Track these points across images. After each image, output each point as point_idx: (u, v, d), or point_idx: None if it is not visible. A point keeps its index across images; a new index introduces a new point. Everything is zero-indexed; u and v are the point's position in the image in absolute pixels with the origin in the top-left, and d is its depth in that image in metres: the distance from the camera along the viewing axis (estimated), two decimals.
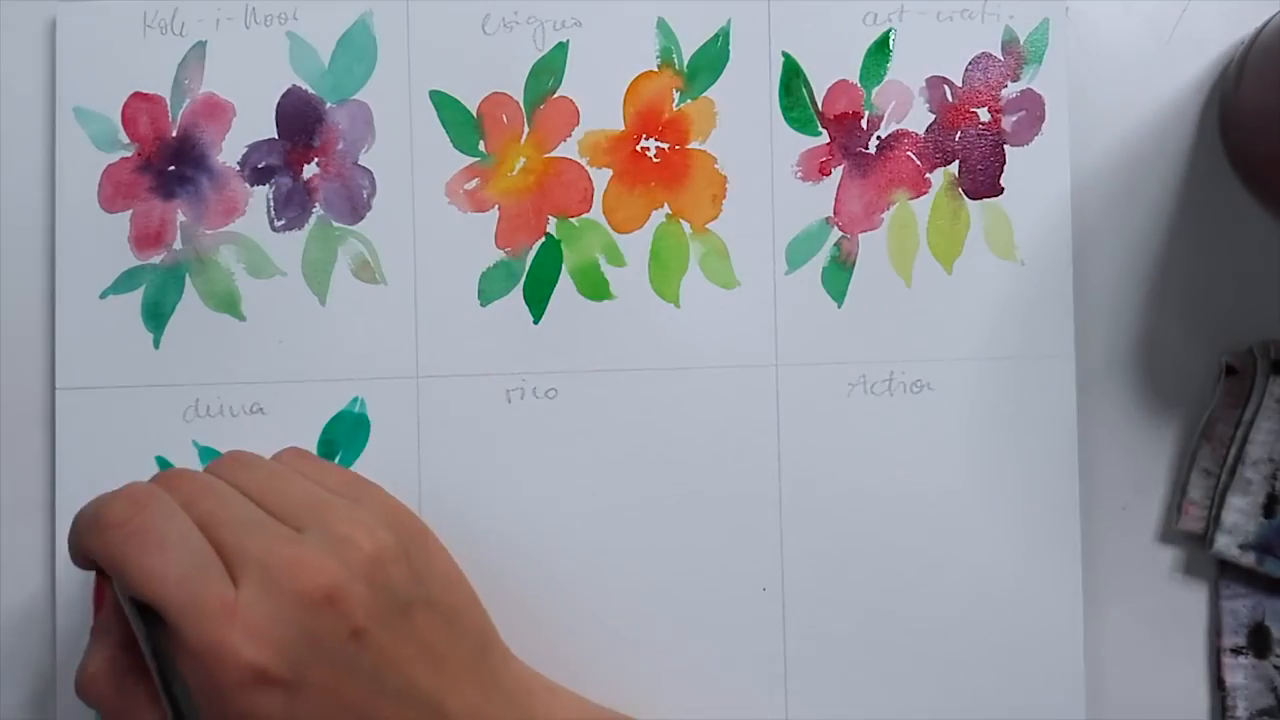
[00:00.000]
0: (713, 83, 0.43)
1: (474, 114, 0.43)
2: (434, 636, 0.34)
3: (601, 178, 0.43)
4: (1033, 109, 0.43)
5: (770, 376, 0.43)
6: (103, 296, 0.43)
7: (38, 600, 0.43)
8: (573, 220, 0.43)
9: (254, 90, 0.43)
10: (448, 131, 0.43)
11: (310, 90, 0.43)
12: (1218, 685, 0.43)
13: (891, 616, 0.42)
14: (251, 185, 0.43)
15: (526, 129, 0.43)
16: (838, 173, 0.43)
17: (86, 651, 0.35)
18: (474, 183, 0.43)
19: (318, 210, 0.43)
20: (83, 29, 0.43)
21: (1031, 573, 0.42)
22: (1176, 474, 0.43)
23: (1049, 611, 0.42)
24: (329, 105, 0.43)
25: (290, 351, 0.43)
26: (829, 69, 0.43)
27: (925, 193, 0.43)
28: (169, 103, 0.43)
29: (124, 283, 0.43)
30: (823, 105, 0.43)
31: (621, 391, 0.43)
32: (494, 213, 0.43)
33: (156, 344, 0.43)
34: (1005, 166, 0.43)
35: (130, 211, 0.43)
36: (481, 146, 0.43)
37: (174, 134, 0.43)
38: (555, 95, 0.43)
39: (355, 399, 0.43)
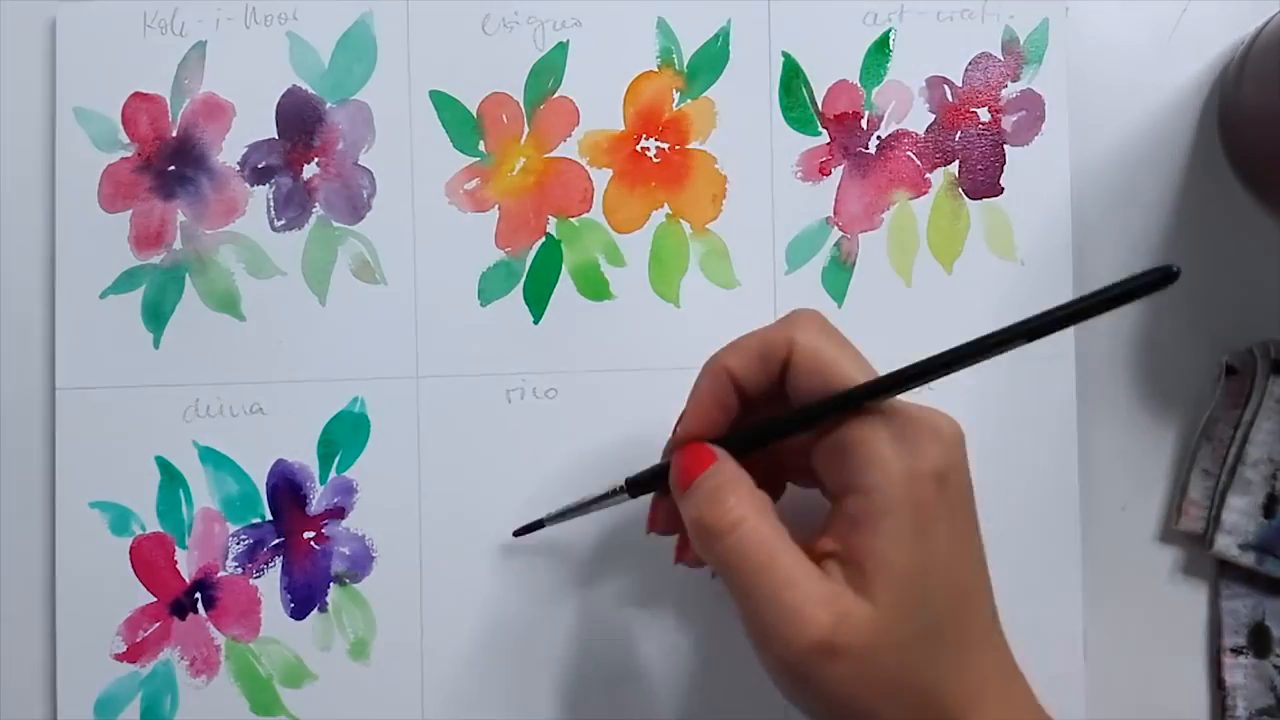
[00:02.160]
0: (713, 83, 0.43)
1: (474, 114, 0.43)
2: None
3: (601, 178, 0.43)
4: (1033, 109, 0.43)
5: None
6: (103, 296, 0.43)
7: (37, 600, 0.43)
8: (573, 220, 0.43)
9: (254, 90, 0.43)
10: (448, 131, 0.43)
11: (310, 90, 0.43)
12: (1218, 685, 0.43)
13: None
14: (251, 185, 0.43)
15: (526, 129, 0.43)
16: (838, 173, 0.43)
17: (705, 500, 0.33)
18: (474, 183, 0.43)
19: (318, 210, 0.43)
20: (83, 29, 0.43)
21: (1031, 573, 0.42)
22: (1176, 474, 0.43)
23: (1049, 611, 0.42)
24: (329, 105, 0.43)
25: (290, 351, 0.43)
26: (829, 69, 0.43)
27: (925, 193, 0.43)
28: (169, 103, 0.43)
29: (124, 283, 0.43)
30: (823, 105, 0.43)
31: (621, 391, 0.43)
32: (494, 213, 0.43)
33: (156, 344, 0.43)
34: (1005, 166, 0.43)
35: (130, 211, 0.43)
36: (481, 146, 0.43)
37: (174, 134, 0.43)
38: (555, 95, 0.43)
39: (355, 399, 0.43)
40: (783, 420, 0.34)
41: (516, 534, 0.42)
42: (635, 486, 0.38)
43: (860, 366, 0.33)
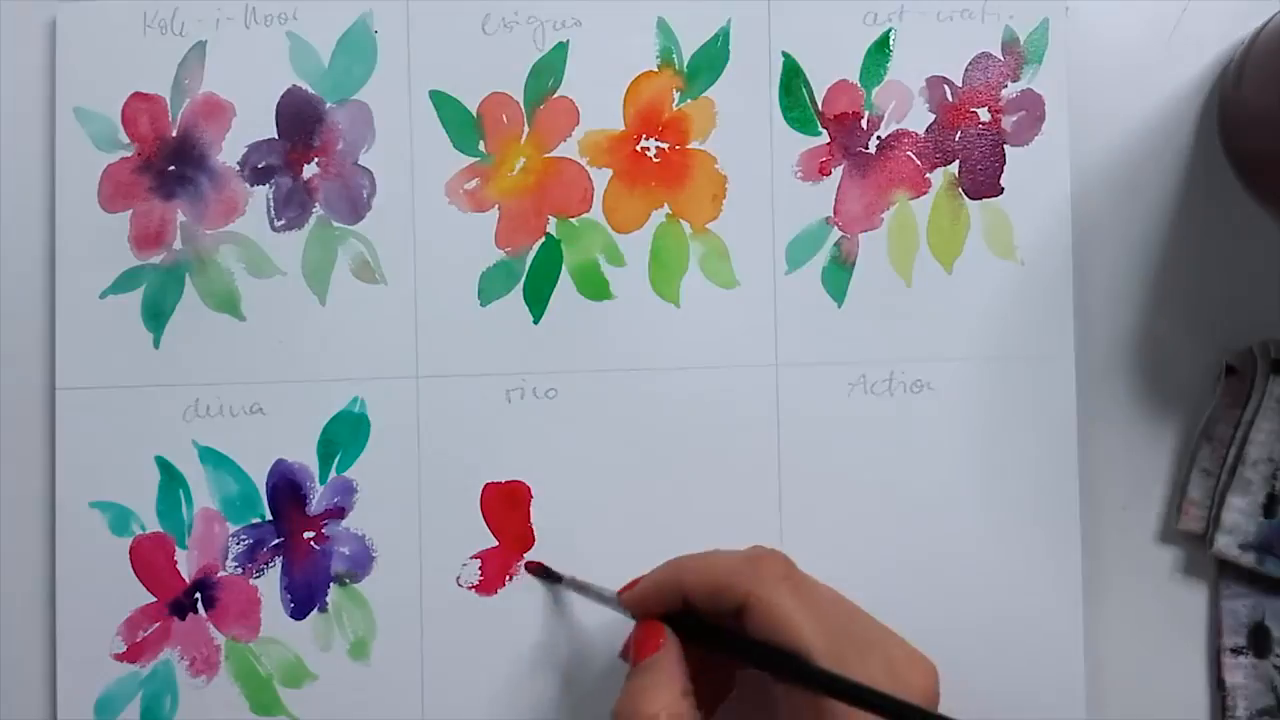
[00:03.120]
0: (713, 83, 0.43)
1: (474, 114, 0.43)
2: None
3: (601, 178, 0.43)
4: (1033, 109, 0.43)
5: (770, 376, 0.43)
6: (103, 296, 0.43)
7: (38, 600, 0.43)
8: (573, 220, 0.43)
9: (254, 90, 0.43)
10: (448, 131, 0.43)
11: (310, 90, 0.43)
12: (1218, 685, 0.43)
13: (891, 616, 0.42)
14: (251, 185, 0.43)
15: (526, 129, 0.43)
16: (838, 172, 0.43)
17: (635, 691, 0.35)
18: (474, 183, 0.43)
19: (318, 210, 0.43)
20: (83, 29, 0.43)
21: (1031, 573, 0.42)
22: (1176, 474, 0.43)
23: (1049, 611, 0.42)
24: (329, 105, 0.43)
25: (290, 351, 0.43)
26: (829, 69, 0.43)
27: (925, 193, 0.43)
28: (169, 103, 0.43)
29: (124, 283, 0.43)
30: (823, 105, 0.43)
31: (621, 391, 0.43)
32: (494, 213, 0.43)
33: (156, 344, 0.43)
34: (1005, 166, 0.43)
35: (130, 211, 0.43)
36: (481, 146, 0.43)
37: (174, 134, 0.43)
38: (555, 95, 0.43)
39: (355, 399, 0.43)
40: (740, 644, 0.35)
41: (529, 568, 0.42)
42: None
43: (810, 629, 0.34)
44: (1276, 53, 0.39)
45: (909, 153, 0.43)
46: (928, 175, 0.43)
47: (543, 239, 0.43)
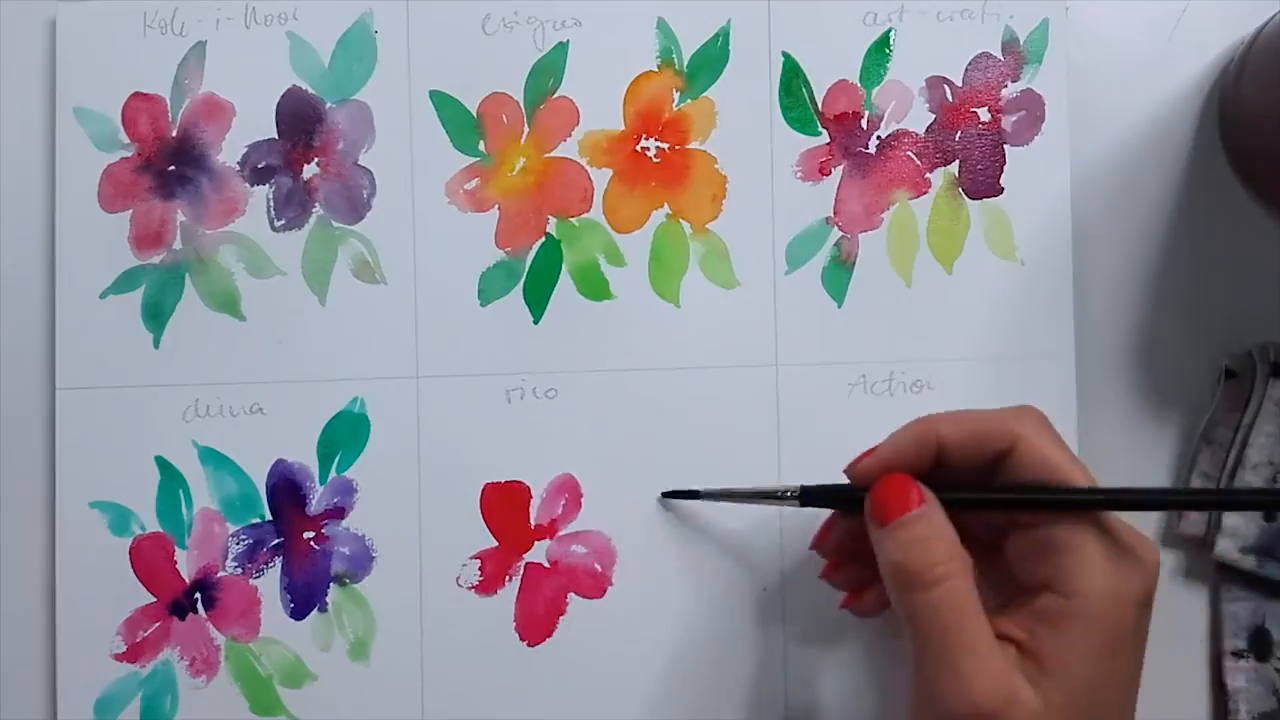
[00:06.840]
0: (713, 83, 0.43)
1: (474, 114, 0.43)
2: None
3: (601, 178, 0.43)
4: (1033, 109, 0.43)
5: (770, 376, 0.43)
6: (103, 296, 0.43)
7: (37, 600, 0.43)
8: (573, 220, 0.43)
9: (254, 90, 0.43)
10: (448, 131, 0.43)
11: (310, 90, 0.43)
12: (1219, 689, 0.43)
13: (891, 616, 0.42)
14: (251, 185, 0.43)
15: (526, 129, 0.43)
16: (838, 172, 0.43)
17: (912, 543, 0.33)
18: (474, 183, 0.43)
19: (318, 210, 0.43)
20: (83, 29, 0.43)
21: None
22: (1176, 476, 0.43)
23: None
24: (329, 105, 0.43)
25: (290, 351, 0.43)
26: (829, 69, 0.43)
27: (925, 193, 0.43)
28: (169, 103, 0.43)
29: (124, 283, 0.43)
30: (823, 105, 0.43)
31: (621, 391, 0.43)
32: (494, 213, 0.43)
33: (156, 344, 0.43)
34: (1005, 166, 0.43)
35: (130, 211, 0.43)
36: (481, 146, 0.43)
37: (174, 134, 0.44)
38: (555, 95, 0.43)
39: (355, 399, 0.43)
40: (994, 495, 0.35)
41: (665, 495, 0.42)
42: (809, 497, 0.38)
43: (1080, 471, 0.34)
44: (1276, 52, 0.39)
45: (909, 153, 0.43)
46: (928, 175, 0.43)
47: (543, 239, 0.43)
